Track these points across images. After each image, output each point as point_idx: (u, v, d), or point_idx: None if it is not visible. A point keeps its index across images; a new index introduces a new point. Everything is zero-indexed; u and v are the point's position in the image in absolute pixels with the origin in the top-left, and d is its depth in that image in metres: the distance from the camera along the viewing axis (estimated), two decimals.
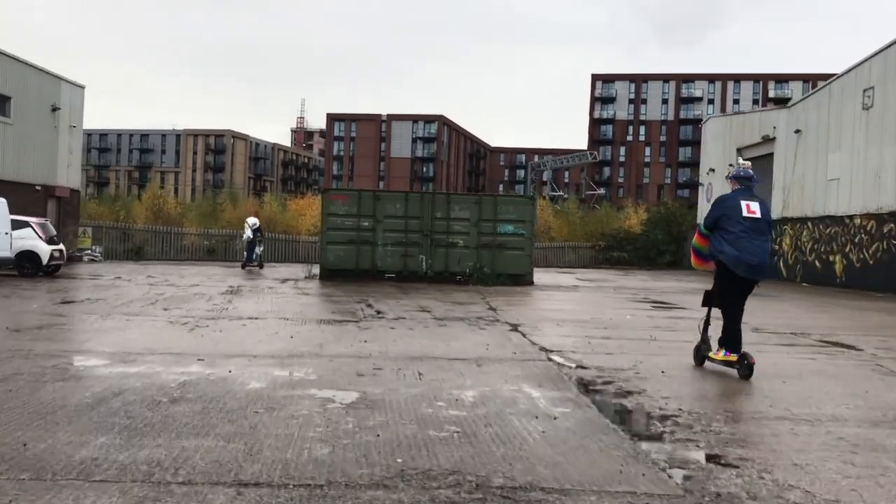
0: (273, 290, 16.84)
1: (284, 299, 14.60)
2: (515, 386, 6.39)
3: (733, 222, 7.15)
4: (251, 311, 12.01)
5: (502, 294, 17.93)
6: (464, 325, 11.11)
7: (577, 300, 16.97)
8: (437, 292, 17.71)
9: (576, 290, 20.68)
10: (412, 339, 9.21)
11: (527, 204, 22.87)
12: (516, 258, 22.20)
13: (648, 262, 39.92)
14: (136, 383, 6.04)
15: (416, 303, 14.56)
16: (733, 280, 7.29)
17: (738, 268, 7.14)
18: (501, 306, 14.47)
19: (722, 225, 7.24)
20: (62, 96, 29.44)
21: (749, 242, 7.09)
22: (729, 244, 7.15)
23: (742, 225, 7.12)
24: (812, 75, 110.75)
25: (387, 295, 16.27)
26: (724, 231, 7.22)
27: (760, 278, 7.40)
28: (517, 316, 12.68)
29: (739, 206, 7.18)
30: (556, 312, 13.78)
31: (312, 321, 11.03)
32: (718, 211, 7.33)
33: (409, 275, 21.84)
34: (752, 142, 33.62)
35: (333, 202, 22.16)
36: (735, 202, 7.25)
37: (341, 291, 17.13)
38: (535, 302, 16.14)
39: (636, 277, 28.60)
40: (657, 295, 19.36)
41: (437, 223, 22.08)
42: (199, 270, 24.63)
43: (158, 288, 16.56)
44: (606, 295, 19.03)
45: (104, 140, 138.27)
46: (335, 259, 21.91)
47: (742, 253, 7.08)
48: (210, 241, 35.93)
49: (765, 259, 7.23)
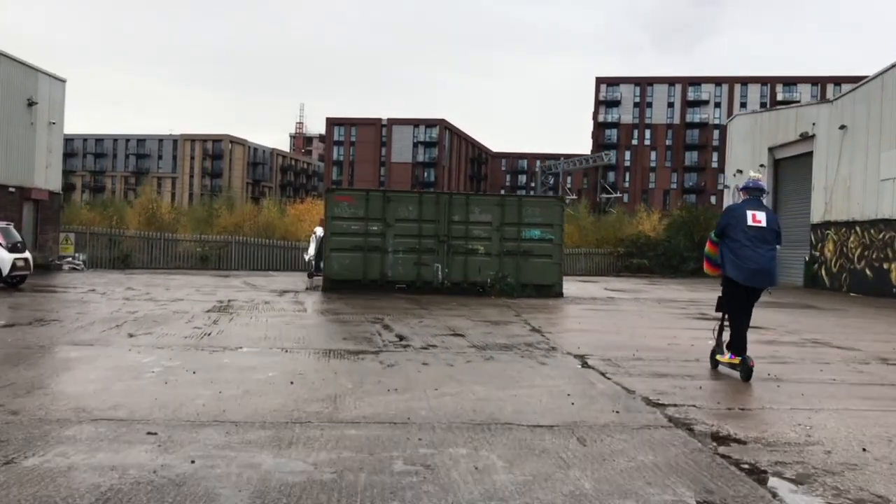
0: (269, 306, 14.29)
1: (282, 319, 12.04)
2: (670, 494, 3.84)
3: (738, 231, 7.44)
4: (240, 338, 9.46)
5: (536, 309, 15.41)
6: (515, 356, 8.58)
7: (626, 317, 14.43)
8: (461, 307, 15.18)
9: (614, 302, 18.14)
10: (460, 386, 6.66)
11: (555, 206, 20.31)
12: (544, 267, 19.68)
13: (671, 269, 37.36)
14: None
15: (442, 322, 12.01)
16: (735, 286, 7.59)
17: (738, 274, 7.45)
18: (545, 326, 11.94)
19: (728, 233, 7.55)
20: (40, 90, 26.89)
21: (752, 251, 7.37)
22: (731, 252, 7.49)
23: (746, 233, 7.39)
24: (821, 78, 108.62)
25: (404, 312, 13.73)
26: (729, 239, 7.53)
27: (762, 285, 7.60)
28: (574, 341, 10.14)
29: (745, 216, 7.44)
30: (614, 335, 11.24)
31: (319, 353, 8.48)
32: (725, 220, 7.70)
33: (422, 286, 19.32)
34: (787, 140, 31.12)
35: (338, 204, 19.61)
36: (741, 212, 7.51)
37: (349, 307, 14.60)
38: (580, 320, 13.59)
39: (669, 287, 26.06)
40: (710, 308, 16.79)
41: (454, 227, 19.55)
42: (187, 281, 22.08)
43: (133, 304, 14.00)
44: (653, 309, 16.50)
45: (100, 145, 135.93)
46: (340, 268, 19.37)
47: (743, 261, 7.39)
48: (203, 248, 33.36)
49: (766, 266, 7.42)
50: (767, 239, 7.47)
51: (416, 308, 14.67)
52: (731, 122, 38.18)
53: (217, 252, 33.36)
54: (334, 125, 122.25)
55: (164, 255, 32.80)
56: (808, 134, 29.29)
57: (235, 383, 6.42)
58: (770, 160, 32.67)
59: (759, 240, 7.42)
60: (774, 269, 7.60)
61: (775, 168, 32.73)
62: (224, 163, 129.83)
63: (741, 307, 7.69)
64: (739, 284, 7.53)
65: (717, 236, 7.77)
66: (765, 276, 7.49)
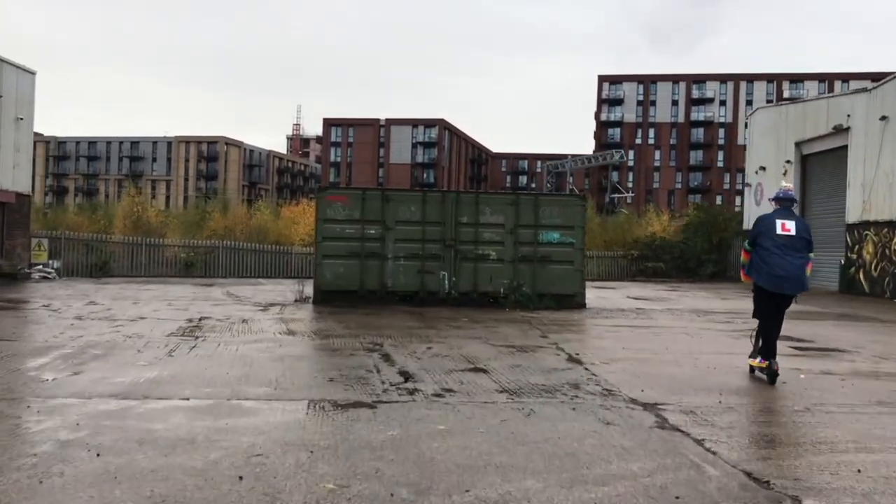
0: (247, 326, 11.95)
1: (258, 346, 9.70)
2: None
3: (767, 239, 7.75)
4: (192, 382, 7.11)
5: (561, 326, 13.09)
6: (564, 409, 6.26)
7: (674, 336, 12.09)
8: (474, 325, 12.87)
9: (647, 315, 15.82)
10: (503, 479, 4.30)
11: (576, 205, 17.97)
12: (564, 274, 17.36)
13: (688, 273, 35.05)
14: None
15: (456, 349, 9.69)
16: (763, 293, 7.91)
17: (766, 282, 7.75)
18: (582, 353, 9.63)
19: (758, 242, 7.87)
20: (5, 82, 24.56)
21: (781, 258, 7.66)
22: (761, 260, 7.79)
23: (775, 242, 7.70)
24: (828, 74, 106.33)
25: (408, 333, 11.41)
26: (759, 247, 7.85)
27: (791, 292, 7.83)
28: (629, 378, 7.82)
29: (774, 225, 7.77)
30: (674, 366, 8.91)
31: (294, 409, 6.14)
32: (756, 230, 8.03)
33: (427, 297, 17.01)
34: (817, 134, 28.81)
35: (331, 205, 17.28)
36: (771, 221, 7.85)
37: (342, 326, 12.27)
38: (621, 341, 11.25)
39: (695, 294, 23.74)
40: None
41: (462, 231, 17.25)
42: (162, 292, 19.74)
43: (83, 326, 11.66)
44: (695, 323, 14.17)
45: (93, 148, 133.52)
46: (333, 277, 17.05)
47: (771, 268, 7.67)
48: (188, 254, 30.98)
49: (793, 273, 7.66)
50: (797, 247, 7.69)
51: (422, 327, 12.34)
52: (751, 116, 35.88)
53: (203, 258, 31.00)
54: (331, 126, 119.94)
55: (148, 261, 30.46)
56: (843, 126, 26.97)
57: (149, 481, 4.08)
58: (797, 156, 30.37)
59: (788, 248, 7.65)
60: (804, 276, 7.76)
61: (803, 164, 30.43)
62: (219, 165, 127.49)
63: (771, 313, 7.95)
64: (767, 291, 7.81)
65: (749, 245, 8.07)
66: (793, 283, 7.71)
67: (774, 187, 32.10)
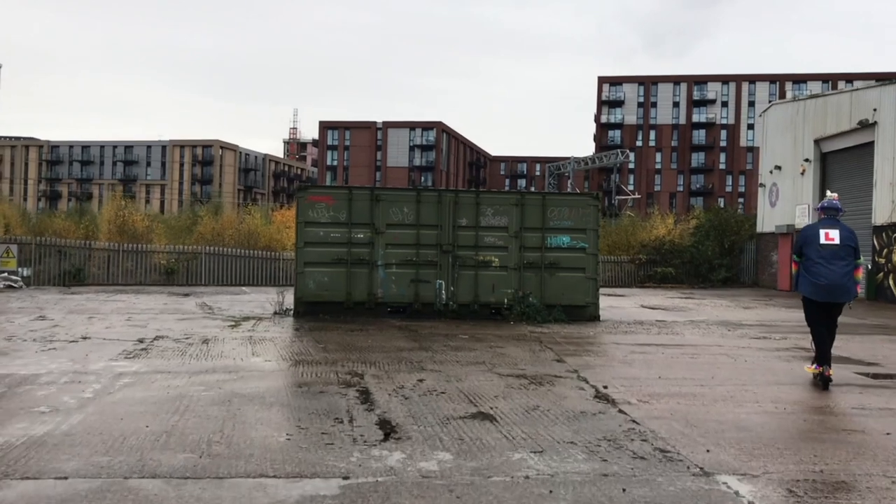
0: (205, 350, 10.01)
1: (206, 382, 7.76)
2: None
3: (812, 249, 7.96)
4: (95, 445, 5.16)
5: (577, 344, 11.19)
6: (609, 489, 4.36)
7: (712, 359, 10.17)
8: (475, 344, 10.96)
9: (670, 329, 13.91)
10: None
11: (588, 205, 16.02)
12: (575, 283, 15.46)
13: (699, 278, 33.13)
14: None
15: (454, 382, 7.78)
16: (810, 302, 8.08)
17: (810, 291, 7.94)
18: (612, 385, 7.72)
19: (804, 252, 8.09)
20: None
21: (824, 267, 7.81)
22: (806, 269, 8.02)
23: (819, 252, 7.89)
24: (832, 75, 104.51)
25: (397, 357, 9.49)
26: (805, 258, 8.06)
27: (836, 300, 7.91)
28: (680, 425, 5.92)
29: (818, 235, 7.96)
30: (732, 404, 7.00)
31: (217, 497, 4.21)
32: (800, 240, 8.21)
33: (422, 308, 15.12)
34: (840, 130, 26.95)
35: (314, 205, 15.37)
36: (815, 231, 8.05)
37: (319, 349, 10.35)
38: (651, 366, 9.32)
39: (714, 303, 21.84)
40: (803, 336, 12.59)
41: (461, 234, 15.36)
42: (130, 303, 17.80)
43: (7, 348, 9.72)
44: (728, 339, 12.26)
45: (87, 152, 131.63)
46: (317, 287, 15.14)
47: (815, 277, 7.86)
48: (169, 261, 29.00)
49: (838, 281, 7.77)
50: (841, 255, 7.82)
51: (414, 348, 10.42)
52: (766, 113, 34.02)
53: (185, 265, 29.03)
54: (328, 129, 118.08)
55: (128, 268, 28.48)
56: (869, 121, 25.11)
57: None
58: (816, 154, 28.52)
59: (832, 257, 7.80)
60: (849, 284, 7.85)
61: (822, 163, 28.58)
62: (214, 169, 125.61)
63: (821, 322, 8.08)
64: (812, 300, 7.98)
65: (797, 255, 8.24)
66: (838, 291, 7.82)
67: (791, 187, 30.22)
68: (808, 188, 28.74)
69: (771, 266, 31.53)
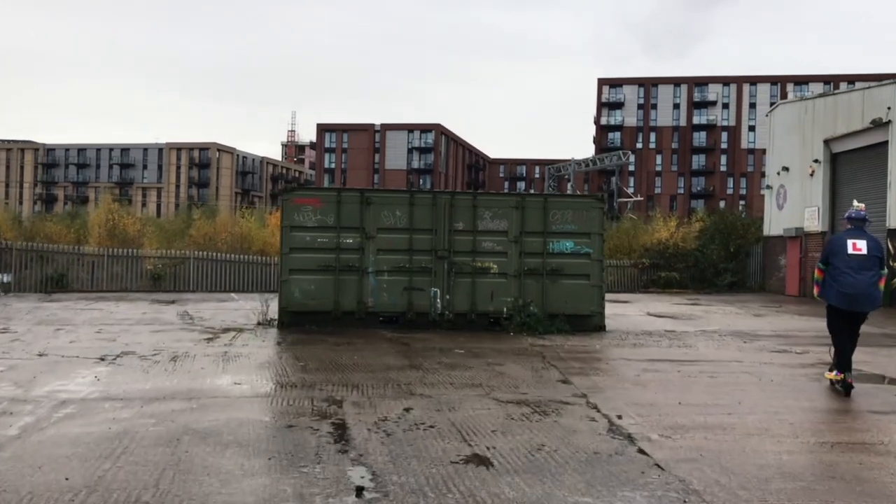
0: (171, 369, 8.99)
1: (158, 413, 6.74)
2: None
3: (839, 259, 8.01)
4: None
5: (583, 360, 10.19)
6: None
7: (734, 378, 9.18)
8: (471, 360, 9.97)
9: (681, 340, 12.90)
10: None
11: (593, 208, 15.01)
12: (579, 291, 14.46)
13: (704, 283, 32.07)
14: None
15: (446, 412, 6.77)
16: (834, 310, 8.22)
17: (837, 300, 8.01)
18: (624, 411, 6.73)
19: (831, 261, 8.14)
20: None
21: (851, 277, 7.87)
22: (832, 278, 8.06)
23: (846, 262, 7.94)
24: (833, 76, 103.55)
25: (382, 378, 8.48)
26: (831, 267, 8.12)
27: (862, 309, 8.02)
28: (716, 472, 4.93)
29: (845, 245, 8.02)
30: (765, 438, 6.00)
31: None
32: (828, 250, 8.26)
33: (415, 318, 14.13)
34: (851, 129, 25.93)
35: (300, 208, 14.36)
36: (842, 241, 8.10)
37: (298, 368, 9.35)
38: (669, 388, 8.32)
39: (722, 309, 20.83)
40: (824, 350, 11.58)
41: (458, 239, 14.37)
42: (106, 313, 16.78)
43: None
44: (747, 354, 11.26)
45: (82, 155, 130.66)
46: (303, 296, 14.14)
47: (842, 286, 7.92)
48: (156, 266, 27.97)
49: (864, 291, 7.86)
50: (868, 266, 7.92)
51: (404, 366, 9.41)
52: (772, 112, 33.00)
53: (172, 271, 28.02)
54: (325, 131, 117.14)
55: (113, 273, 27.48)
56: (882, 120, 24.09)
57: None
58: (826, 155, 27.50)
59: (859, 267, 7.90)
60: (875, 293, 7.97)
61: (832, 164, 27.56)
62: (211, 172, 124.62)
63: (844, 330, 8.21)
64: (837, 308, 8.12)
65: (823, 264, 8.35)
66: (864, 301, 7.93)
67: (799, 189, 29.12)
68: (817, 190, 27.74)
69: (779, 270, 30.53)
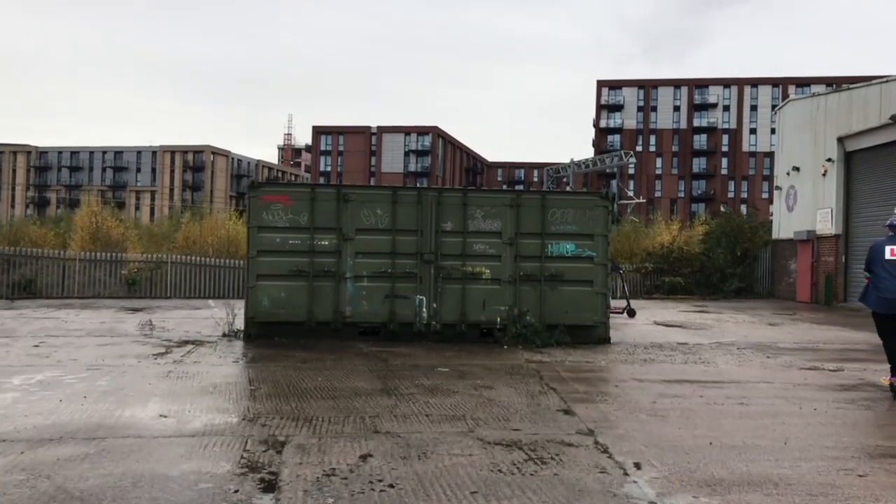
0: (93, 397, 7.47)
1: (54, 457, 5.21)
2: None
3: (878, 265, 8.42)
4: None
5: (587, 382, 8.68)
6: None
7: (770, 408, 7.66)
8: (456, 382, 8.45)
9: (697, 356, 11.38)
10: None
11: (596, 206, 13.46)
12: (581, 298, 12.94)
13: (710, 289, 30.59)
14: None
15: (414, 460, 5.26)
16: (879, 316, 8.50)
17: (876, 304, 8.40)
18: (643, 456, 5.23)
19: (871, 268, 8.55)
20: None
21: (890, 282, 8.26)
22: (873, 284, 8.46)
23: (885, 267, 8.34)
24: (836, 78, 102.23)
25: (344, 407, 6.96)
26: (872, 273, 8.50)
27: None
28: None
29: (883, 251, 8.41)
30: (833, 499, 4.49)
31: None
32: (868, 256, 8.66)
33: (398, 329, 12.61)
34: (867, 126, 24.49)
35: (269, 206, 12.83)
36: (881, 248, 8.48)
37: (247, 394, 7.82)
38: (695, 420, 6.81)
39: (733, 317, 19.32)
40: (861, 366, 10.07)
41: (446, 241, 12.85)
42: (59, 323, 15.24)
43: None
44: (772, 371, 9.75)
45: (75, 158, 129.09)
46: (272, 304, 12.60)
47: (881, 291, 8.31)
48: (130, 271, 26.41)
49: None
50: None
51: (374, 391, 7.88)
52: (781, 110, 31.54)
53: (149, 276, 26.47)
54: (321, 134, 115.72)
55: (97, 278, 25.92)
56: None
57: None
58: (840, 153, 26.04)
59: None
60: None
61: (847, 163, 26.09)
62: (205, 175, 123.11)
63: (890, 333, 8.36)
64: (880, 313, 8.39)
65: (867, 270, 8.63)
66: None
67: (811, 190, 27.43)
68: (830, 190, 26.26)
69: (788, 276, 29.04)
